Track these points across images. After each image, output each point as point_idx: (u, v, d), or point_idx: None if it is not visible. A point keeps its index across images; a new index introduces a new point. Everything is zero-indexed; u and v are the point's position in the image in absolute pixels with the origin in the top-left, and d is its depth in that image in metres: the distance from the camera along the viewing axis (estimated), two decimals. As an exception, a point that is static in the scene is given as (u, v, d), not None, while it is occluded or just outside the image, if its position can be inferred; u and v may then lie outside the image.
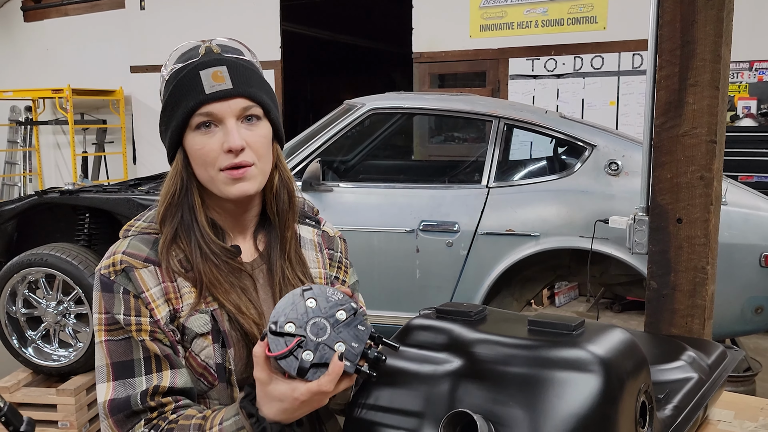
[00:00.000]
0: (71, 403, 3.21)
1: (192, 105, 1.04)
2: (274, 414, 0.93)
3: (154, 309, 1.04)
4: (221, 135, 1.05)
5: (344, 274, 1.27)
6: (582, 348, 0.94)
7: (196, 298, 1.06)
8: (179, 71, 1.07)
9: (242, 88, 1.05)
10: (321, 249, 1.24)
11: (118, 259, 1.06)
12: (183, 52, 1.10)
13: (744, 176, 4.76)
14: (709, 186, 1.73)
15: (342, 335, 0.91)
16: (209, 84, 1.04)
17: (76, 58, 7.97)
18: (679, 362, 1.29)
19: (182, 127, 1.06)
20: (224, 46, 1.10)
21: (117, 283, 1.04)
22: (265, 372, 0.91)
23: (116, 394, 1.01)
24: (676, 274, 1.78)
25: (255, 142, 1.06)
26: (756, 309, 3.03)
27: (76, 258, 3.27)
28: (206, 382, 1.07)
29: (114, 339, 1.04)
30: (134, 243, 1.08)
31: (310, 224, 1.25)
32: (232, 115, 1.05)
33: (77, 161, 7.69)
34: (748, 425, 1.30)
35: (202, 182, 1.09)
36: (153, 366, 1.03)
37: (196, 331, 1.05)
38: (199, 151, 1.06)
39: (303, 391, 0.90)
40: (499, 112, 3.45)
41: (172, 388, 1.03)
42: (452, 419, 0.92)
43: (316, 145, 3.53)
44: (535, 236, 3.19)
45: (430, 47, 6.33)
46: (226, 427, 0.96)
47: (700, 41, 1.70)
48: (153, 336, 1.03)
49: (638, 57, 5.56)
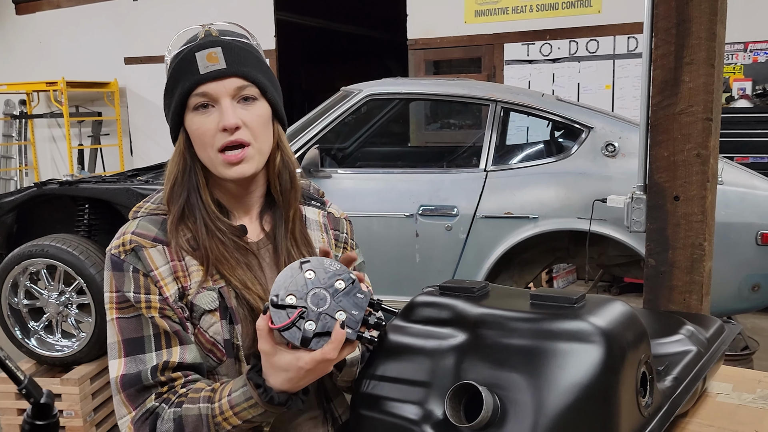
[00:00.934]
0: (76, 393, 3.23)
1: (188, 85, 1.07)
2: (281, 383, 0.95)
3: (163, 287, 1.06)
4: (217, 115, 1.07)
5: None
6: (583, 320, 0.96)
7: (204, 276, 1.08)
8: (178, 54, 1.09)
9: (236, 67, 1.07)
10: (326, 229, 1.26)
11: (127, 239, 1.08)
12: (185, 37, 1.12)
13: (740, 157, 4.78)
14: (706, 163, 1.74)
15: (342, 304, 0.94)
16: (204, 65, 1.06)
17: (70, 50, 7.93)
18: (678, 336, 1.31)
19: (181, 107, 1.09)
20: (223, 28, 1.13)
21: (127, 262, 1.07)
22: (269, 344, 0.94)
23: (127, 369, 1.04)
24: (674, 251, 1.80)
25: (251, 121, 1.08)
26: (753, 287, 3.06)
27: (77, 248, 3.27)
28: (215, 358, 1.09)
29: (125, 317, 1.06)
30: (143, 223, 1.11)
31: (316, 206, 1.28)
32: (227, 95, 1.07)
33: (73, 154, 7.67)
34: (746, 397, 1.32)
35: (204, 163, 1.11)
36: (163, 342, 1.05)
37: (204, 308, 1.08)
38: (197, 131, 1.08)
39: (307, 360, 0.92)
40: (496, 95, 3.46)
41: (181, 363, 1.05)
42: (458, 391, 0.94)
43: (314, 131, 3.54)
44: (534, 219, 3.21)
45: (425, 34, 6.32)
46: (235, 397, 0.98)
47: (695, 19, 1.71)
48: (162, 313, 1.06)
49: (633, 40, 5.56)
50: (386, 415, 1.00)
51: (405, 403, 1.00)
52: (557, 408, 0.90)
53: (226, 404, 0.99)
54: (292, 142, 3.56)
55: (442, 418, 0.95)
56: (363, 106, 3.65)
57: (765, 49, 5.21)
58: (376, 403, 1.02)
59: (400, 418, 0.99)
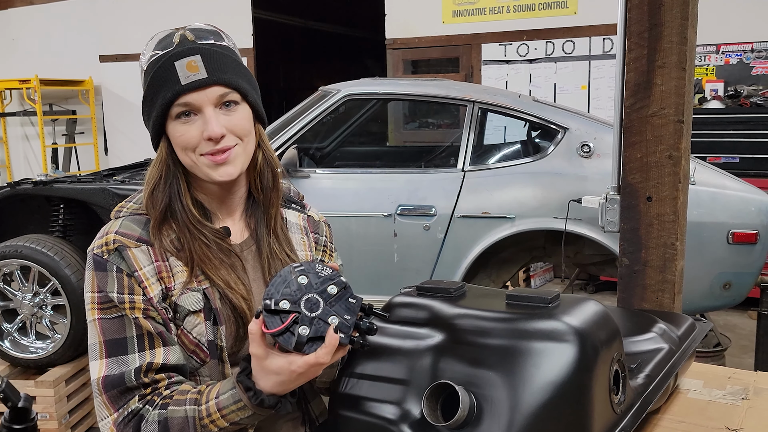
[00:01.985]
0: (50, 395, 3.20)
1: (169, 96, 1.05)
2: (271, 387, 0.96)
3: (147, 287, 1.06)
4: (200, 123, 1.07)
5: (329, 257, 1.30)
6: (557, 319, 0.98)
7: (188, 276, 1.08)
8: (155, 61, 1.08)
9: (217, 75, 1.07)
10: (307, 232, 1.27)
11: (111, 239, 1.07)
12: (158, 40, 1.11)
13: (712, 157, 4.86)
14: (678, 164, 1.78)
15: (335, 308, 0.95)
16: (184, 75, 1.05)
17: (44, 47, 7.81)
18: (650, 334, 1.33)
19: (163, 117, 1.08)
20: (198, 31, 1.11)
21: (110, 261, 1.06)
22: (261, 348, 0.94)
23: (110, 370, 1.03)
24: (647, 251, 1.83)
25: (234, 126, 1.09)
26: (724, 285, 3.12)
27: (52, 249, 3.24)
28: (198, 359, 1.09)
29: (107, 317, 1.05)
30: (126, 223, 1.10)
31: (296, 209, 1.28)
32: (210, 104, 1.07)
33: (47, 153, 7.57)
34: (716, 393, 1.35)
35: (187, 167, 1.11)
36: (146, 343, 1.05)
37: (188, 308, 1.07)
38: (180, 138, 1.08)
39: (300, 363, 0.93)
40: (474, 96, 3.49)
41: (165, 364, 1.05)
42: (435, 390, 0.95)
43: (292, 131, 3.53)
44: (511, 218, 3.24)
45: (403, 33, 6.33)
46: (223, 400, 0.99)
47: (667, 24, 1.74)
48: (146, 314, 1.05)
49: (608, 41, 5.63)
50: (364, 414, 1.01)
51: (383, 403, 1.01)
52: (532, 406, 0.92)
53: (214, 406, 0.99)
54: (270, 141, 3.54)
55: (419, 417, 0.96)
56: (341, 106, 3.65)
57: (737, 51, 5.31)
58: (355, 403, 1.03)
59: (378, 418, 1.00)
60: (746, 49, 5.28)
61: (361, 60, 10.25)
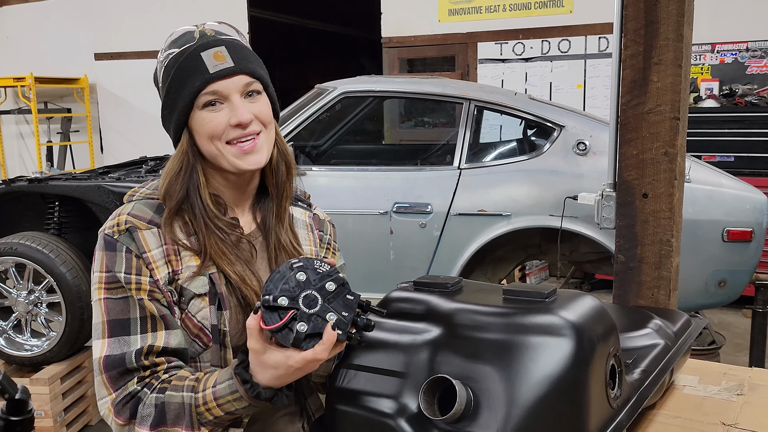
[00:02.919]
0: (46, 393, 3.19)
1: (198, 84, 1.08)
2: (268, 380, 0.97)
3: (155, 269, 1.07)
4: (227, 111, 1.09)
5: (332, 256, 1.33)
6: (554, 314, 0.98)
7: (198, 267, 1.10)
8: (179, 56, 1.10)
9: (243, 64, 1.10)
10: (312, 229, 1.30)
11: (122, 219, 1.09)
12: (177, 37, 1.13)
13: (707, 156, 4.87)
14: (673, 161, 1.78)
15: (333, 305, 0.95)
16: (212, 63, 1.08)
17: (38, 45, 7.79)
18: (647, 330, 1.34)
19: (189, 107, 1.10)
20: (216, 27, 1.14)
21: (120, 242, 1.07)
22: (259, 342, 0.95)
23: (111, 350, 1.04)
24: (643, 248, 1.84)
25: (260, 112, 1.12)
26: (719, 282, 3.13)
27: (47, 246, 3.23)
28: (201, 343, 1.10)
29: (113, 297, 1.06)
30: (139, 206, 1.12)
31: (302, 206, 1.31)
32: (237, 92, 1.10)
33: (42, 151, 7.54)
34: (711, 389, 1.35)
35: (210, 157, 1.12)
36: (149, 325, 1.06)
37: (193, 291, 1.09)
38: (207, 125, 1.09)
39: (298, 359, 0.94)
40: (470, 94, 3.49)
41: (165, 348, 1.06)
42: (432, 384, 0.95)
43: (288, 129, 3.53)
44: (507, 216, 3.24)
45: (399, 32, 6.33)
46: (220, 389, 1.00)
47: (663, 20, 1.74)
48: (151, 296, 1.07)
49: (604, 40, 5.64)
50: (361, 409, 1.02)
51: (380, 397, 1.01)
52: (529, 400, 0.92)
53: (210, 395, 1.00)
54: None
55: (416, 411, 0.97)
56: (337, 104, 3.65)
57: (732, 50, 5.33)
58: (352, 398, 1.03)
59: (376, 412, 1.00)
60: (741, 49, 5.30)
61: (357, 58, 10.25)
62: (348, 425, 1.03)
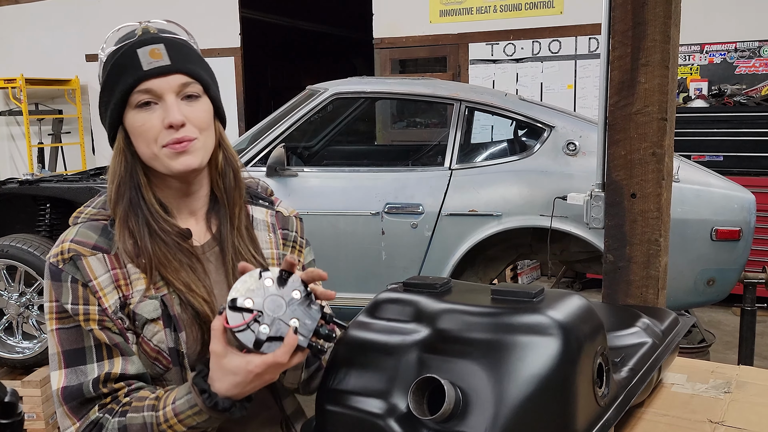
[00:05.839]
0: (37, 395, 3.18)
1: (131, 82, 1.04)
2: (227, 389, 0.95)
3: (102, 297, 1.04)
4: (161, 111, 1.05)
5: (299, 253, 1.27)
6: (542, 313, 0.99)
7: (147, 283, 1.06)
8: (116, 51, 1.07)
9: (180, 64, 1.06)
10: (274, 229, 1.24)
11: (66, 248, 1.05)
12: (120, 35, 1.10)
13: (696, 155, 4.91)
14: (661, 162, 1.80)
15: (296, 312, 0.96)
16: (147, 61, 1.04)
17: (29, 46, 7.75)
18: (634, 328, 1.35)
19: (122, 105, 1.06)
20: (161, 25, 1.12)
21: (65, 271, 1.04)
22: (221, 344, 0.94)
23: (68, 381, 1.02)
24: (631, 247, 1.85)
25: (195, 117, 1.07)
26: (708, 281, 3.16)
27: (38, 249, 3.22)
28: (161, 365, 1.07)
29: (64, 327, 1.04)
30: (83, 230, 1.08)
31: (264, 205, 1.25)
32: (171, 91, 1.05)
33: (33, 152, 7.51)
34: (699, 387, 1.36)
35: (146, 160, 1.08)
36: (104, 353, 1.04)
37: (146, 317, 1.06)
38: (140, 128, 1.05)
39: (258, 363, 0.93)
40: (461, 95, 3.50)
41: (123, 374, 1.04)
42: (421, 384, 0.96)
43: (279, 130, 3.53)
44: (498, 216, 3.26)
45: (391, 33, 6.34)
46: (179, 405, 0.98)
47: (650, 22, 1.76)
48: (102, 325, 1.04)
49: (594, 41, 5.67)
50: (351, 409, 1.02)
51: (369, 398, 1.01)
52: (517, 399, 0.93)
53: (171, 412, 0.98)
54: (258, 140, 3.55)
55: (405, 411, 0.97)
56: (329, 105, 3.65)
57: (720, 51, 5.37)
58: (341, 398, 1.03)
59: (365, 413, 1.00)
60: (730, 49, 5.34)
61: (349, 59, 10.25)
62: (337, 426, 1.03)
